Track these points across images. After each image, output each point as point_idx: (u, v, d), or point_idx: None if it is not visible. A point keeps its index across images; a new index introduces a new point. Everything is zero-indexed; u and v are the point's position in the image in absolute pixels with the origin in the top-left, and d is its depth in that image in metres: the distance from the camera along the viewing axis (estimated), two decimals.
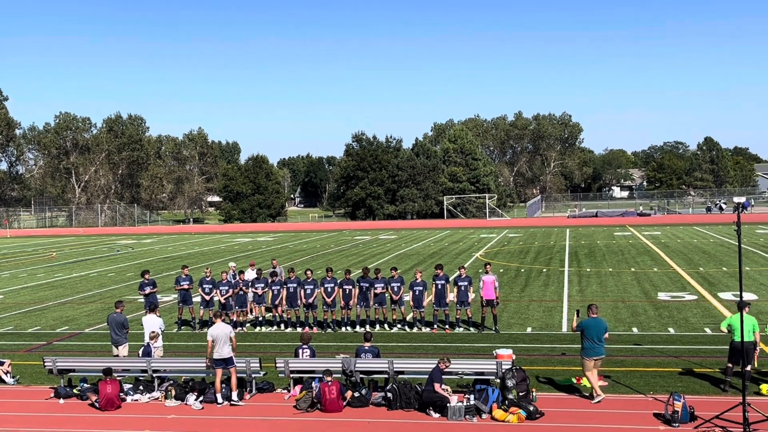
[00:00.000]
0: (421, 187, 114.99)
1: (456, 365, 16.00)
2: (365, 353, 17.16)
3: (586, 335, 15.92)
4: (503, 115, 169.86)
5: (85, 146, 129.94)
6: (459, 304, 23.48)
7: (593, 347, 15.84)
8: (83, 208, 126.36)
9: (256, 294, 24.82)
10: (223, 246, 64.44)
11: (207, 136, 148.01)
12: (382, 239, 67.71)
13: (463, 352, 20.36)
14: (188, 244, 67.80)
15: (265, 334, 23.98)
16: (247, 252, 56.57)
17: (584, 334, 15.97)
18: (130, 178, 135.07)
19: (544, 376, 17.56)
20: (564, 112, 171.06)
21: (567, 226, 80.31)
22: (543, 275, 36.96)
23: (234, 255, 53.55)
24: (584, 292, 30.78)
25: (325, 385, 15.60)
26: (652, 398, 15.64)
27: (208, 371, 16.78)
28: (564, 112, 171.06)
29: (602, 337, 15.95)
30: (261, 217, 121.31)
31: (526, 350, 20.33)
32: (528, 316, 25.62)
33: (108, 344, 20.88)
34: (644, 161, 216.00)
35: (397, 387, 15.71)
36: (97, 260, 53.51)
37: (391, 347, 21.06)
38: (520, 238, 64.14)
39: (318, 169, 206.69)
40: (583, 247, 51.84)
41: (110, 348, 19.72)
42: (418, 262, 44.56)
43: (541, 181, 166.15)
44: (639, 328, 23.05)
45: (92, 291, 36.00)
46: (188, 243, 70.08)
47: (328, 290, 24.03)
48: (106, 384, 16.24)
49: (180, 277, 25.43)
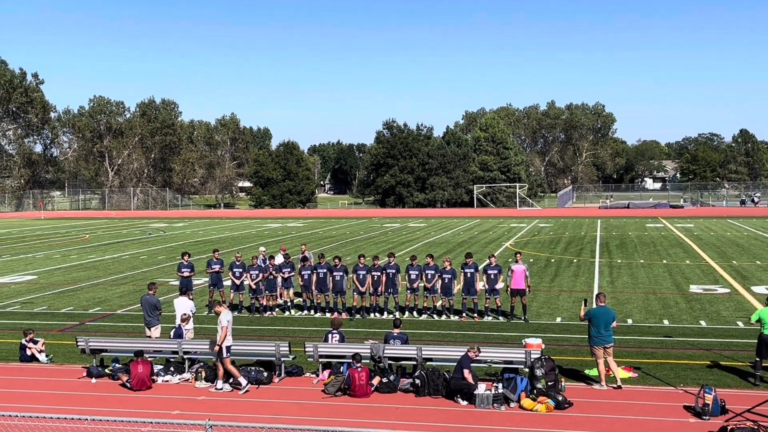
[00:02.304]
0: (452, 175, 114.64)
1: (485, 353, 15.98)
2: (394, 339, 17.20)
3: (594, 323, 16.02)
4: (535, 104, 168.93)
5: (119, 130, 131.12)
6: (488, 292, 23.45)
7: (600, 335, 15.94)
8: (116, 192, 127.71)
9: (284, 278, 24.96)
10: (253, 231, 64.82)
11: (239, 121, 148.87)
12: (412, 227, 67.69)
13: (492, 340, 20.34)
14: (219, 229, 68.29)
15: (294, 319, 24.12)
16: (277, 237, 56.86)
17: (592, 322, 16.08)
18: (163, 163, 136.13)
19: (574, 366, 17.49)
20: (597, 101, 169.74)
21: (598, 216, 79.69)
22: (573, 266, 36.75)
23: (264, 240, 53.86)
24: (615, 284, 30.57)
25: (354, 370, 15.66)
26: (682, 391, 15.51)
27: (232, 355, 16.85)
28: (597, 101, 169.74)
29: (609, 326, 16.01)
30: (291, 203, 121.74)
31: (556, 340, 20.26)
32: (558, 306, 25.52)
33: (139, 325, 21.15)
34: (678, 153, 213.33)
35: (425, 374, 15.73)
36: (129, 243, 54.12)
37: (420, 334, 21.10)
38: (550, 228, 63.77)
39: (348, 156, 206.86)
40: (615, 238, 51.42)
41: (141, 329, 19.97)
42: (447, 251, 44.51)
43: (573, 172, 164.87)
44: (670, 320, 22.86)
45: (124, 273, 36.43)
46: (219, 227, 70.59)
47: (360, 277, 24.12)
48: (138, 364, 16.44)
49: (212, 261, 25.65)
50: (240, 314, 24.87)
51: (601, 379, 15.84)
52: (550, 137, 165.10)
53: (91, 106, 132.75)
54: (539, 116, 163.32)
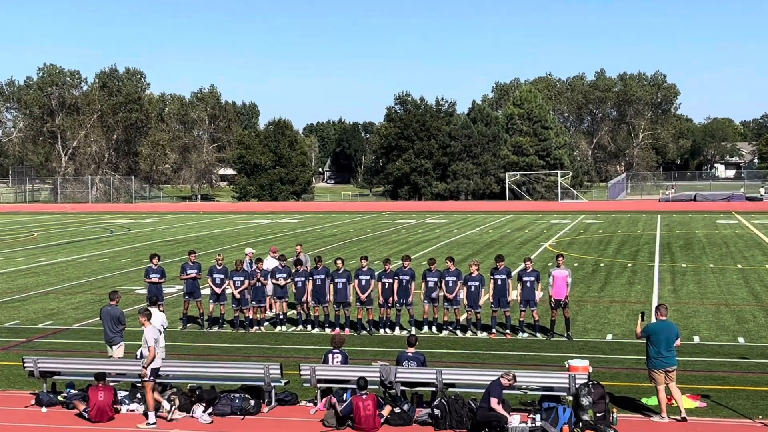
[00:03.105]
0: (479, 160, 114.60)
1: (520, 378, 15.97)
2: (408, 361, 17.20)
3: (653, 342, 16.00)
4: (581, 74, 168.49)
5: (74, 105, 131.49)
6: (523, 303, 23.42)
7: (660, 356, 15.91)
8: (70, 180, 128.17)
9: (278, 286, 25.00)
10: (237, 229, 64.95)
11: (220, 95, 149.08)
12: (430, 224, 67.69)
13: (528, 362, 20.33)
14: (195, 226, 68.48)
15: (287, 336, 24.15)
16: (266, 236, 56.94)
17: (650, 340, 16.06)
18: (127, 145, 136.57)
19: (628, 393, 17.47)
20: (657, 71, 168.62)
21: (658, 211, 79.51)
22: (627, 271, 36.71)
23: (250, 239, 53.95)
24: (678, 293, 30.52)
25: (358, 398, 15.67)
26: (761, 424, 15.49)
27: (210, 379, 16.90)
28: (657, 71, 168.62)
29: (672, 345, 16.00)
30: (283, 195, 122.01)
31: (606, 362, 20.24)
32: (608, 321, 25.48)
33: (100, 343, 21.20)
34: (756, 133, 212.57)
35: (446, 402, 15.74)
36: (86, 243, 54.28)
37: (440, 354, 21.11)
38: (599, 225, 63.69)
39: (352, 138, 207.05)
40: (678, 238, 51.32)
41: (103, 347, 20.02)
42: (473, 253, 44.49)
43: (627, 156, 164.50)
44: (746, 338, 22.80)
45: (81, 279, 36.54)
46: (195, 224, 70.78)
47: (362, 283, 24.13)
48: (98, 390, 16.48)
49: (186, 265, 25.70)
50: (222, 330, 24.92)
51: (662, 409, 15.81)
52: (599, 114, 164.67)
53: (41, 77, 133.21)
54: (586, 88, 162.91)
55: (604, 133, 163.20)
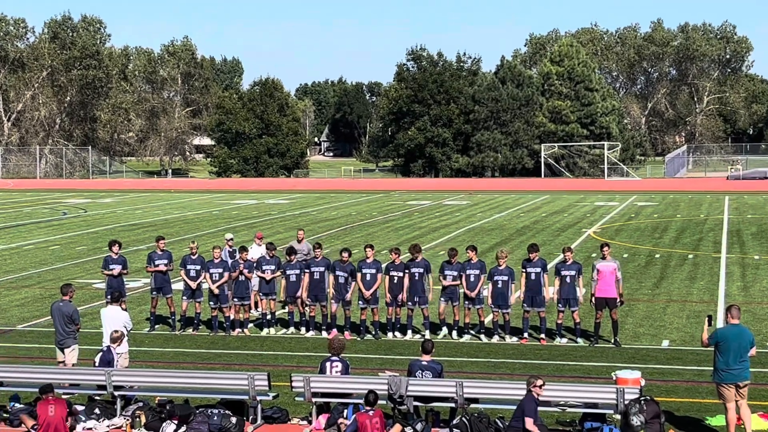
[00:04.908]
0: (508, 129, 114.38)
1: (558, 392, 16.00)
2: (422, 371, 17.22)
3: (721, 351, 15.85)
4: (634, 25, 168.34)
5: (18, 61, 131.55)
6: (561, 303, 23.42)
7: (730, 368, 15.79)
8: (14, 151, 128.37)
9: (264, 280, 25.00)
10: (216, 210, 64.98)
11: (195, 49, 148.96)
12: (449, 205, 67.69)
13: (567, 373, 20.35)
14: (165, 207, 68.53)
15: (275, 340, 24.19)
16: (250, 220, 56.96)
17: (718, 349, 15.91)
18: (83, 110, 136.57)
19: (688, 412, 17.48)
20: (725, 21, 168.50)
21: (726, 191, 79.34)
22: (688, 264, 36.70)
23: (232, 224, 53.96)
24: (750, 291, 30.49)
25: (363, 415, 15.70)
26: None
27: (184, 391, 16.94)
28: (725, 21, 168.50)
29: (745, 355, 15.89)
30: (271, 170, 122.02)
31: (662, 374, 20.25)
32: (665, 324, 25.49)
33: (49, 347, 21.26)
34: None
35: (468, 421, 15.78)
36: (33, 226, 54.37)
37: (460, 364, 21.15)
38: (654, 208, 63.63)
39: (355, 102, 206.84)
40: (750, 224, 51.24)
41: (53, 352, 20.06)
42: (501, 241, 44.50)
43: (689, 125, 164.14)
44: None
45: (28, 271, 36.64)
46: (165, 204, 70.83)
47: (366, 278, 24.15)
48: (48, 404, 16.50)
49: (154, 254, 25.72)
50: (197, 332, 24.96)
51: (730, 430, 15.81)
52: (655, 74, 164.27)
53: None
54: (639, 42, 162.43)
55: (660, 97, 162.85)
